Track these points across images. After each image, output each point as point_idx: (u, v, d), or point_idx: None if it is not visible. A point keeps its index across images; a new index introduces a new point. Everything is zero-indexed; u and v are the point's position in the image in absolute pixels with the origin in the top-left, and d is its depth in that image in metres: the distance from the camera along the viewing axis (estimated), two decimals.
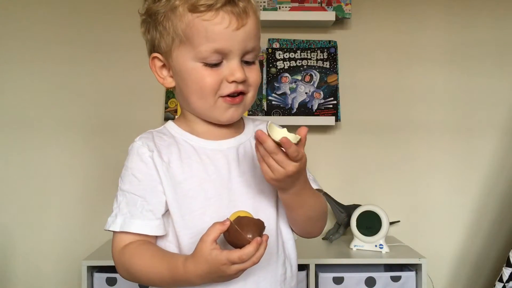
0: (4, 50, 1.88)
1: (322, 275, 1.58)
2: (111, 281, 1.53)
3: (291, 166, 0.73)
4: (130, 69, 1.90)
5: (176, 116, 0.95)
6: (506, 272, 1.60)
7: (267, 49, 1.92)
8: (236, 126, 0.91)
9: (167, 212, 0.83)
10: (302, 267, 1.60)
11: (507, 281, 1.59)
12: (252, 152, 0.88)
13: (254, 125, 0.95)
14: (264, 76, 1.91)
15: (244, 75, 0.81)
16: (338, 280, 1.57)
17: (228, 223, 0.72)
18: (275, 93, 1.89)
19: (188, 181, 0.83)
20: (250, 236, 0.70)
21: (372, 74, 1.95)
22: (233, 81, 0.81)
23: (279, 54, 1.91)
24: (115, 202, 0.87)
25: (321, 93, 1.89)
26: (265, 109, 1.89)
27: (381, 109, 1.94)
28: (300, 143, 0.73)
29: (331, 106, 1.88)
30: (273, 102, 1.89)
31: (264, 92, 1.90)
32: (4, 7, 1.88)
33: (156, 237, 0.84)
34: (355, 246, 1.71)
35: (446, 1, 1.95)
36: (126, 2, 1.90)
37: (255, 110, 1.87)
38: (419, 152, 1.95)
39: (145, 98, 1.91)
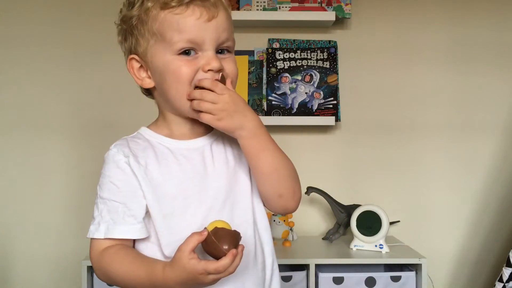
0: (3, 50, 1.88)
1: (322, 275, 1.58)
2: None
3: (222, 97, 0.80)
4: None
5: (152, 122, 0.98)
6: (506, 272, 1.60)
7: (267, 49, 1.92)
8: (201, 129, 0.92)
9: (147, 214, 0.85)
10: (302, 267, 1.60)
11: (507, 281, 1.59)
12: (225, 148, 0.90)
13: None
14: (264, 76, 1.91)
15: (219, 64, 0.82)
16: (338, 280, 1.57)
17: (205, 233, 0.74)
18: (275, 93, 1.89)
19: (167, 182, 0.84)
20: (226, 247, 0.72)
21: (372, 74, 1.95)
22: (209, 70, 0.82)
23: (279, 54, 1.91)
24: (96, 209, 0.88)
25: (321, 93, 1.89)
26: (265, 109, 1.89)
27: (381, 109, 1.94)
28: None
29: (331, 106, 1.88)
30: (273, 102, 1.88)
31: (264, 92, 1.90)
32: (3, 8, 1.88)
33: (135, 242, 0.86)
34: (355, 246, 1.71)
35: (446, 2, 1.95)
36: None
37: (255, 110, 1.87)
38: (419, 152, 1.95)
39: (144, 98, 1.89)
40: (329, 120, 1.85)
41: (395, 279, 1.59)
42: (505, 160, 1.95)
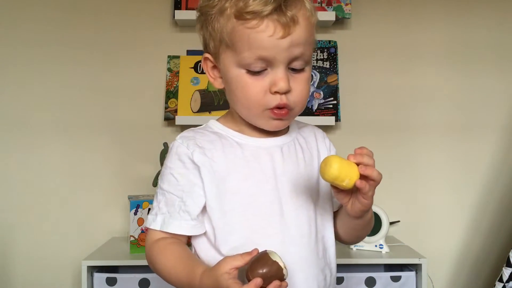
0: (3, 50, 1.88)
1: None
2: (111, 281, 1.53)
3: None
4: (130, 69, 1.90)
5: (219, 117, 0.95)
6: (506, 272, 1.60)
7: None
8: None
9: (204, 209, 0.83)
10: None
11: (507, 281, 1.59)
12: (296, 153, 0.88)
13: (298, 127, 0.95)
14: None
15: (287, 86, 0.78)
16: (338, 280, 1.55)
17: (248, 256, 0.71)
18: None
19: (231, 176, 0.82)
20: (258, 273, 0.69)
21: (372, 74, 1.95)
22: (276, 92, 0.79)
23: None
24: (155, 200, 0.86)
25: (321, 93, 1.89)
26: None
27: (381, 109, 1.94)
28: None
29: (331, 106, 1.88)
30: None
31: None
32: (4, 8, 1.88)
33: (190, 236, 0.85)
34: (355, 246, 1.71)
35: (446, 2, 1.95)
36: (127, 3, 1.90)
37: None
38: (419, 152, 1.95)
39: (145, 98, 1.91)
40: (329, 120, 1.85)
41: (395, 279, 1.59)
42: (505, 160, 1.95)
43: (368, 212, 0.83)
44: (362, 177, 0.76)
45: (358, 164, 0.76)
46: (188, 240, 0.86)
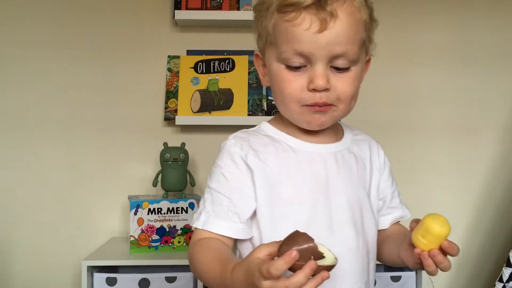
0: (3, 50, 1.88)
1: None
2: (111, 281, 1.53)
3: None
4: (130, 69, 1.90)
5: (270, 118, 0.92)
6: (506, 272, 1.60)
7: None
8: (334, 131, 0.88)
9: (253, 214, 0.80)
10: None
11: (507, 281, 1.59)
12: (350, 163, 0.85)
13: (353, 135, 0.92)
14: None
15: (325, 83, 0.75)
16: None
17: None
18: None
19: (284, 183, 0.79)
20: (293, 248, 0.60)
21: (372, 74, 1.93)
22: (313, 89, 0.76)
23: None
24: (202, 199, 0.83)
25: None
26: (265, 109, 1.89)
27: (381, 109, 1.94)
28: None
29: None
30: (273, 102, 1.88)
31: (264, 92, 1.90)
32: (3, 7, 1.88)
33: (237, 240, 0.81)
34: None
35: (446, 2, 1.95)
36: (127, 3, 1.90)
37: (255, 110, 1.87)
38: (419, 152, 1.95)
39: (145, 98, 1.91)
40: None
41: (395, 279, 1.59)
42: (505, 161, 1.95)
43: None
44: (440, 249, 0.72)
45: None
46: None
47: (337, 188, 0.81)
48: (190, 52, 1.92)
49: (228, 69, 1.88)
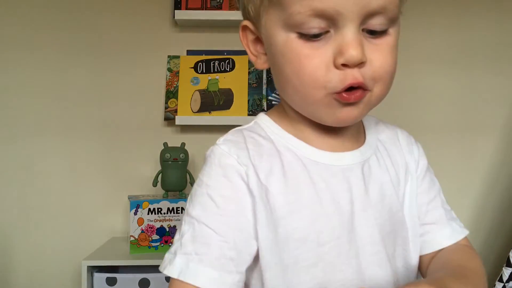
0: (4, 51, 1.88)
1: None
2: (111, 281, 1.53)
3: None
4: (130, 69, 1.90)
5: (269, 110, 0.67)
6: (506, 272, 1.60)
7: None
8: (356, 129, 0.64)
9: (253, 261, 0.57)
10: None
11: (507, 281, 1.59)
12: (381, 174, 0.61)
13: (376, 129, 0.68)
14: (264, 76, 1.90)
15: (360, 53, 0.51)
16: None
17: None
18: (275, 93, 1.89)
19: (295, 215, 0.55)
20: None
21: None
22: (344, 65, 0.52)
23: None
24: (178, 231, 0.57)
25: None
26: (265, 109, 1.89)
27: (381, 109, 1.92)
28: None
29: None
30: (273, 102, 1.89)
31: (264, 92, 1.90)
32: (3, 7, 1.88)
33: None
34: None
35: (446, 2, 1.95)
36: (127, 3, 1.90)
37: (255, 110, 1.87)
38: None
39: (145, 98, 1.91)
40: None
41: None
42: (505, 161, 1.95)
43: None
44: None
45: None
46: None
47: (365, 216, 0.58)
48: (190, 52, 1.92)
49: (228, 69, 1.88)
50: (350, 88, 0.53)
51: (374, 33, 0.54)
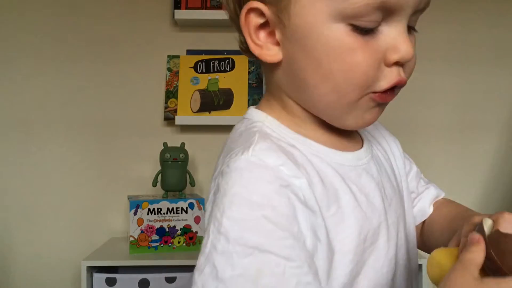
0: (4, 51, 1.88)
1: None
2: (110, 281, 1.52)
3: None
4: (130, 69, 1.90)
5: (264, 113, 0.57)
6: None
7: None
8: (353, 132, 0.59)
9: None
10: None
11: None
12: (386, 169, 0.60)
13: (365, 131, 0.64)
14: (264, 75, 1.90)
15: (413, 50, 0.49)
16: None
17: (482, 245, 0.44)
18: None
19: (339, 226, 0.49)
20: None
21: None
22: (395, 63, 0.48)
23: None
24: (226, 268, 0.44)
25: None
26: None
27: None
28: None
29: None
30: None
31: (264, 92, 1.90)
32: (4, 8, 1.88)
33: None
34: None
35: (446, 1, 1.95)
36: (126, 2, 1.90)
37: None
38: (419, 152, 1.94)
39: (145, 98, 1.90)
40: None
41: None
42: (505, 160, 1.95)
43: None
44: None
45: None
46: None
47: (390, 211, 0.56)
48: (190, 52, 1.91)
49: (228, 69, 1.88)
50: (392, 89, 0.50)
51: (408, 30, 0.51)
